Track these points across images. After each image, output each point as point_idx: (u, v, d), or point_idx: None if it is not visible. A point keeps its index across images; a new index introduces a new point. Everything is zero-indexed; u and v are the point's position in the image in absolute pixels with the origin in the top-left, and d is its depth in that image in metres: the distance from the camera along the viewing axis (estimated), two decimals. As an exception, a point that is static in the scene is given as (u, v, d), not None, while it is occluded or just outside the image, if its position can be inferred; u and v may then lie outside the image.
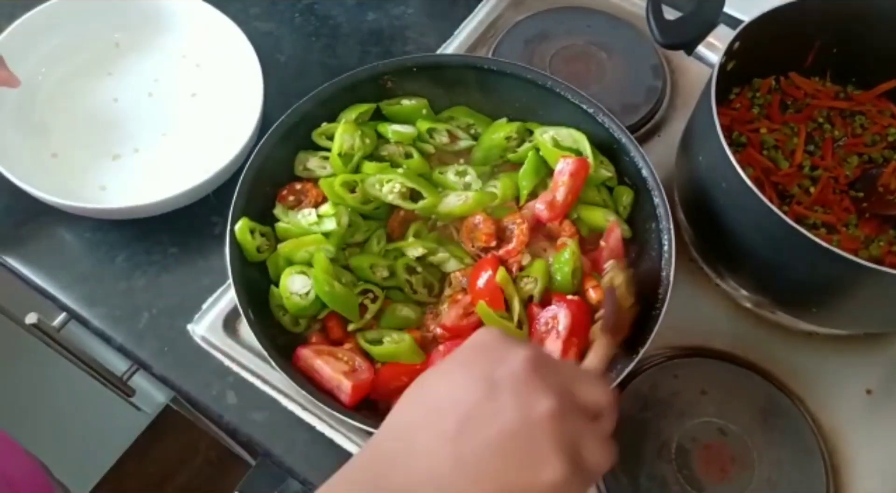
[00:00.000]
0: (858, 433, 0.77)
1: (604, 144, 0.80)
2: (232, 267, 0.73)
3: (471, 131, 0.85)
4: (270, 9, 1.06)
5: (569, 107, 0.81)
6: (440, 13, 1.05)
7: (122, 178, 0.89)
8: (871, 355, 0.81)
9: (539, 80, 0.81)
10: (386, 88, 0.84)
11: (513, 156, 0.83)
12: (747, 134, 0.83)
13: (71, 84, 0.94)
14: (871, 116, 0.85)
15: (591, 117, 0.79)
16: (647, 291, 0.72)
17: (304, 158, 0.82)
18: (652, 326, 0.69)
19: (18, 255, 0.87)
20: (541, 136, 0.80)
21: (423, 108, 0.84)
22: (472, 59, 0.87)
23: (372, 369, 0.73)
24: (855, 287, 0.70)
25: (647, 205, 0.77)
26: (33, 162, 0.87)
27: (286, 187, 0.81)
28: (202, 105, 0.94)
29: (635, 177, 0.78)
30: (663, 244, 0.73)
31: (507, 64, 0.83)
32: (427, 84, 0.84)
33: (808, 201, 0.79)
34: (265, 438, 0.77)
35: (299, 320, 0.76)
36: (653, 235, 0.75)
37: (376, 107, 0.84)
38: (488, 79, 0.84)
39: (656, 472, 0.73)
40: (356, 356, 0.73)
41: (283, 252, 0.75)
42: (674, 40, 0.80)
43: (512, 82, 0.82)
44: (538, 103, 0.83)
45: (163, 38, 0.98)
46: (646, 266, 0.75)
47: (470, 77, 0.84)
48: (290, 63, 0.99)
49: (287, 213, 0.79)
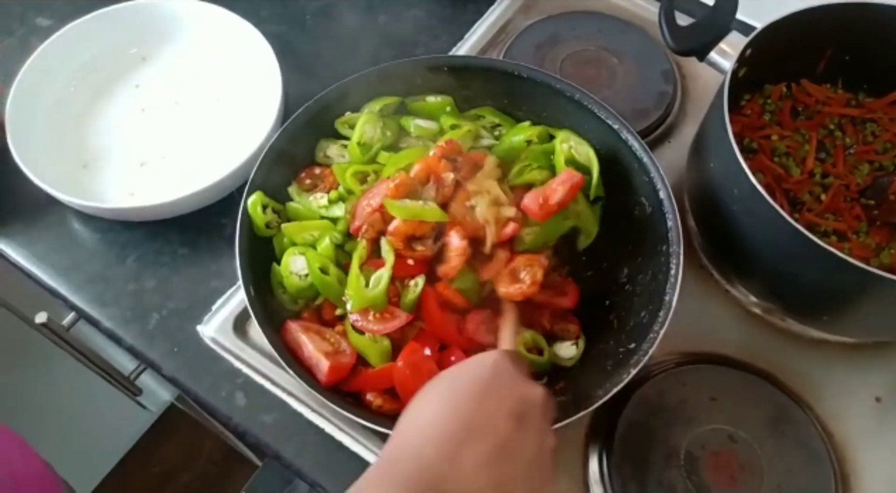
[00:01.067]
0: (868, 441, 0.77)
1: (623, 160, 0.80)
2: (240, 242, 0.74)
3: (495, 132, 0.85)
4: (282, 11, 1.06)
5: (594, 121, 0.81)
6: (451, 16, 1.06)
7: (149, 183, 0.90)
8: (880, 364, 0.81)
9: (567, 91, 0.82)
10: (415, 84, 0.84)
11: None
12: (758, 141, 0.83)
13: (100, 98, 0.97)
14: (883, 123, 0.85)
15: (616, 133, 0.79)
16: (651, 306, 0.73)
17: (325, 145, 0.83)
18: (647, 348, 0.69)
19: (30, 254, 0.87)
20: (560, 144, 0.80)
21: (448, 105, 0.84)
22: (504, 64, 0.86)
23: (355, 355, 0.73)
24: (865, 295, 0.70)
25: (660, 226, 0.75)
26: (65, 172, 0.90)
27: (305, 170, 0.82)
28: (226, 109, 0.96)
29: (651, 197, 0.77)
30: (671, 268, 0.73)
31: (539, 72, 0.83)
32: (453, 84, 0.84)
33: (819, 209, 0.79)
34: (274, 440, 0.77)
35: (297, 299, 0.77)
36: (662, 257, 0.74)
37: (402, 101, 0.85)
38: (514, 84, 0.84)
39: (665, 479, 0.73)
40: (343, 340, 0.74)
41: (286, 232, 0.77)
42: (686, 46, 0.80)
43: (540, 90, 0.83)
44: (563, 113, 0.83)
45: (186, 48, 1.00)
46: (653, 287, 0.75)
47: (500, 83, 0.84)
48: (302, 65, 1.00)
49: (300, 194, 0.80)
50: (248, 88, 0.96)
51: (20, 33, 1.04)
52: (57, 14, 1.04)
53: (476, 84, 0.85)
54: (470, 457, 0.53)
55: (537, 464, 0.56)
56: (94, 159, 0.92)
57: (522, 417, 0.56)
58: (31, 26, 1.05)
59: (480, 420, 0.55)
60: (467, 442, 0.54)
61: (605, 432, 0.76)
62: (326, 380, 0.71)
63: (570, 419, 0.66)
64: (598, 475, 0.74)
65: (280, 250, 0.78)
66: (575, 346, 0.77)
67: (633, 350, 0.70)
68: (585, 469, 0.75)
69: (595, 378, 0.71)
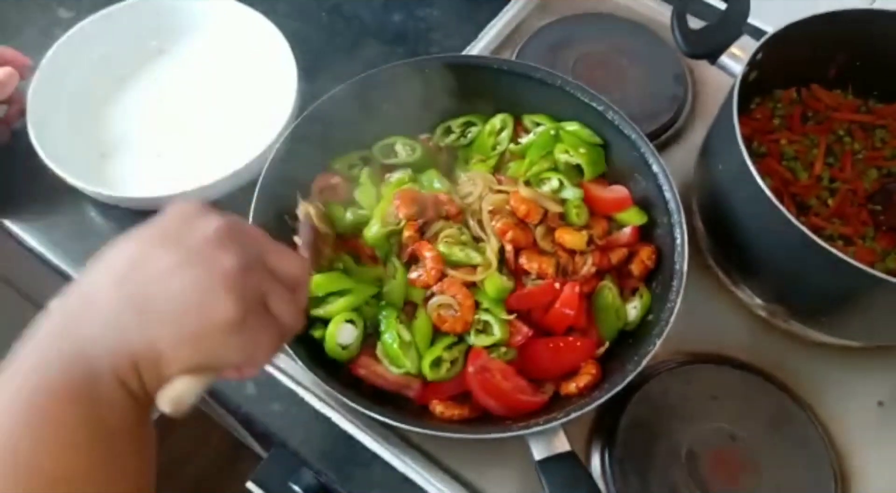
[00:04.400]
0: (868, 444, 0.77)
1: (630, 159, 0.81)
2: None
3: (467, 132, 0.88)
4: (297, 7, 1.08)
5: (596, 116, 0.82)
6: (465, 16, 1.07)
7: (165, 174, 0.92)
8: (883, 367, 0.82)
9: (567, 87, 0.82)
10: (403, 86, 0.84)
11: (514, 147, 0.84)
12: (767, 144, 0.84)
13: (119, 89, 0.99)
14: (892, 130, 0.86)
15: (629, 140, 0.80)
16: (657, 307, 0.74)
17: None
18: (655, 340, 0.70)
19: (47, 241, 0.89)
20: (567, 127, 0.82)
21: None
22: (524, 67, 0.86)
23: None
24: (870, 299, 0.71)
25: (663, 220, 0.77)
26: (84, 161, 0.91)
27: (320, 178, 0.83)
28: (241, 102, 0.98)
29: (658, 199, 0.78)
30: (676, 238, 0.73)
31: (552, 74, 0.83)
32: (459, 84, 0.85)
33: (826, 213, 0.80)
34: (281, 429, 0.78)
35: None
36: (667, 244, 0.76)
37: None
38: (526, 85, 0.85)
39: (666, 476, 0.74)
40: None
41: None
42: (697, 49, 0.80)
43: (547, 89, 0.83)
44: (569, 109, 0.84)
45: (204, 42, 1.02)
46: (662, 278, 0.77)
47: (524, 86, 0.85)
48: (317, 61, 1.01)
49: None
50: (263, 82, 0.97)
51: (42, 24, 1.06)
52: (78, 6, 1.06)
53: (503, 85, 0.85)
54: (103, 287, 0.50)
55: (201, 283, 0.50)
56: (112, 149, 0.94)
57: (185, 245, 0.51)
58: (53, 18, 1.07)
59: (124, 255, 0.52)
60: (106, 277, 0.51)
61: (607, 428, 0.77)
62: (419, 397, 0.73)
63: (575, 414, 0.67)
64: (599, 471, 0.75)
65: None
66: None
67: (637, 348, 0.71)
68: (588, 465, 0.76)
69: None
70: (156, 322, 0.50)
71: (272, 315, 0.53)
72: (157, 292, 0.50)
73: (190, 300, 0.50)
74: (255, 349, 0.52)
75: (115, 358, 0.49)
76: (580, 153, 0.80)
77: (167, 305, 0.50)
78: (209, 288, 0.50)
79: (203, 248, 0.51)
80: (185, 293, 0.50)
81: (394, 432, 0.77)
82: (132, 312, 0.50)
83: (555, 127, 0.83)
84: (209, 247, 0.51)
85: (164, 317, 0.50)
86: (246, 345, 0.52)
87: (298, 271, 0.56)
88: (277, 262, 0.55)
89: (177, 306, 0.50)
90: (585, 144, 0.81)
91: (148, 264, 0.51)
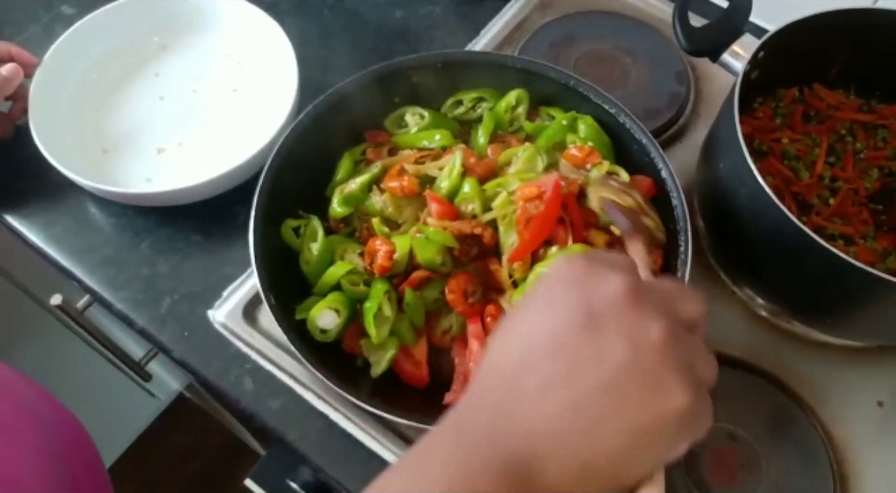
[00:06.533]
0: (868, 444, 0.77)
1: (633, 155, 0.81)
2: (254, 232, 0.75)
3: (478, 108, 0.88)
4: (300, 4, 1.08)
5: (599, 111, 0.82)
6: (467, 13, 1.07)
7: (166, 170, 0.92)
8: (884, 368, 0.81)
9: (580, 87, 0.82)
10: (412, 82, 0.85)
11: (529, 126, 0.84)
12: (769, 143, 0.84)
13: (120, 85, 0.99)
14: (894, 129, 0.86)
15: (639, 143, 0.80)
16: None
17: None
18: None
19: (47, 236, 0.89)
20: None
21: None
22: (536, 65, 0.86)
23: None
24: (870, 299, 0.70)
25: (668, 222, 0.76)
26: (85, 157, 0.91)
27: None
28: (242, 99, 0.98)
29: (663, 202, 0.77)
30: (678, 268, 0.73)
31: (565, 73, 0.84)
32: (453, 79, 0.85)
33: (827, 212, 0.80)
34: (279, 424, 0.78)
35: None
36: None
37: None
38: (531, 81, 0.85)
39: (665, 475, 0.73)
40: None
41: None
42: (699, 47, 0.80)
43: (554, 85, 0.84)
44: (565, 106, 0.84)
45: (206, 38, 1.02)
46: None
47: (536, 83, 0.85)
48: (318, 58, 1.01)
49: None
50: (264, 79, 0.97)
51: (45, 20, 1.06)
52: (81, 3, 1.06)
53: (512, 83, 0.85)
54: (531, 381, 0.42)
55: (639, 367, 0.41)
56: (113, 145, 0.94)
57: (595, 316, 0.42)
58: (55, 14, 1.07)
59: (536, 335, 0.43)
60: (526, 364, 0.43)
61: (606, 427, 0.76)
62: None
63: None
64: (598, 469, 0.75)
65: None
66: None
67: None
68: (586, 464, 0.76)
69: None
70: (596, 427, 0.41)
71: (702, 380, 0.44)
72: (597, 390, 0.41)
73: (629, 394, 0.41)
74: (701, 429, 0.44)
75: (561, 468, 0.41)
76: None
77: (608, 404, 0.41)
78: (648, 375, 0.41)
79: (620, 318, 0.42)
80: (622, 386, 0.41)
81: (391, 428, 0.76)
82: (577, 420, 0.41)
83: (569, 117, 0.82)
84: (626, 316, 0.42)
85: (605, 418, 0.41)
86: (698, 428, 0.43)
87: (702, 311, 0.47)
88: (684, 308, 0.46)
89: (616, 403, 0.41)
90: (597, 140, 0.81)
91: (586, 362, 0.42)
